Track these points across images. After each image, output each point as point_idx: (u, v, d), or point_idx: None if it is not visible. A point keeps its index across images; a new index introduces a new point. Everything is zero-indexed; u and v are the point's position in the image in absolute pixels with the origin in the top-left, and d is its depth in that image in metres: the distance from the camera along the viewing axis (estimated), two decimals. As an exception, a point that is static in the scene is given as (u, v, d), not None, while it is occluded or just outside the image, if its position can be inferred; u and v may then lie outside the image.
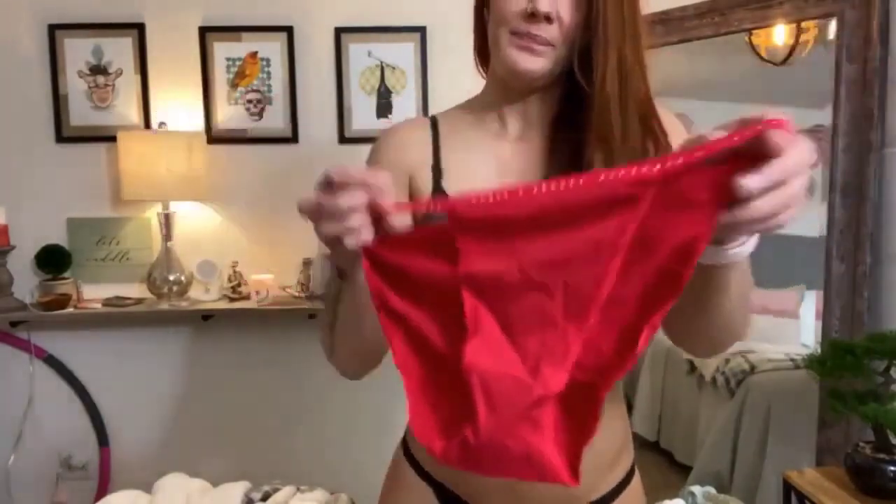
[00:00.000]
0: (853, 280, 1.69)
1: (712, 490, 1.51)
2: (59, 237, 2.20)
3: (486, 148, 0.92)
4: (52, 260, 2.17)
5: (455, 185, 0.89)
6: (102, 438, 2.28)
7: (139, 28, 2.15)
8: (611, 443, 0.91)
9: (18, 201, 2.16)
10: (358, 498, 1.52)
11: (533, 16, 0.79)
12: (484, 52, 0.93)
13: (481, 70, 0.98)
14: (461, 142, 0.93)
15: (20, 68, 2.16)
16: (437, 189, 0.90)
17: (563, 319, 0.65)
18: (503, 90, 0.91)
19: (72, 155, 2.19)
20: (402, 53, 2.18)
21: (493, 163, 0.91)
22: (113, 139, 2.09)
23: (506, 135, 0.93)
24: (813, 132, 1.92)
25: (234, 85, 2.19)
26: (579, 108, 0.84)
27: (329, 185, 0.64)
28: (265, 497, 1.55)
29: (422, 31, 2.16)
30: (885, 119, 1.66)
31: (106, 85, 2.17)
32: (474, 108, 0.96)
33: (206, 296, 2.17)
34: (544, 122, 0.91)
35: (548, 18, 0.80)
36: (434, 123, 0.96)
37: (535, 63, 0.83)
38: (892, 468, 1.40)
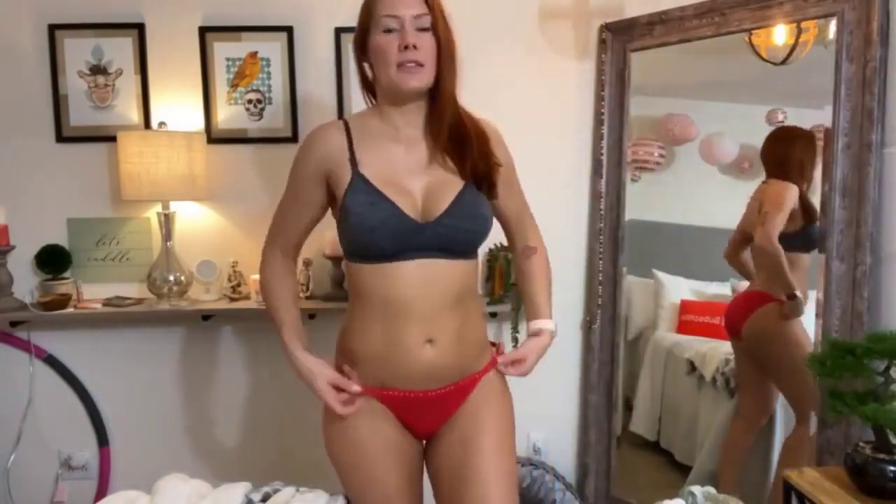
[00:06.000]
0: (853, 280, 1.69)
1: (712, 490, 1.51)
2: (59, 237, 2.20)
3: (387, 145, 1.32)
4: (52, 260, 2.17)
5: (370, 170, 1.28)
6: (102, 438, 2.28)
7: (139, 28, 2.16)
8: (479, 336, 1.39)
9: (18, 201, 2.16)
10: (358, 498, 1.52)
11: (406, 48, 1.23)
12: (367, 87, 1.38)
13: (369, 99, 1.40)
14: (369, 140, 1.32)
15: (20, 68, 2.16)
16: (356, 174, 1.28)
17: None
18: (392, 107, 1.31)
19: (72, 155, 2.19)
20: (402, 53, 2.18)
21: (392, 157, 1.31)
22: (113, 139, 2.10)
23: (399, 137, 1.32)
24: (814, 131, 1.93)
25: (234, 85, 2.19)
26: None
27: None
28: (265, 498, 1.55)
29: (422, 31, 2.16)
30: (885, 119, 1.66)
31: (106, 85, 2.17)
32: (375, 116, 1.35)
33: (206, 296, 2.17)
34: (424, 128, 1.32)
35: (415, 46, 1.23)
36: (346, 124, 1.34)
37: (416, 80, 1.25)
38: (892, 468, 1.40)
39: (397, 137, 1.32)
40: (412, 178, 1.29)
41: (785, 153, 1.98)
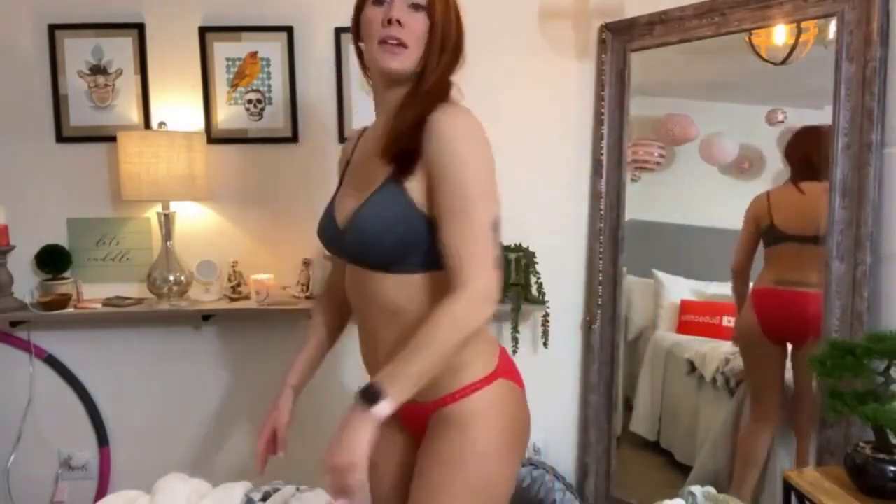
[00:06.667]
0: (853, 280, 1.69)
1: (712, 490, 1.51)
2: (59, 237, 2.20)
3: (366, 142, 1.25)
4: (52, 260, 2.17)
5: (349, 171, 1.27)
6: (102, 438, 2.28)
7: (139, 28, 2.15)
8: None
9: (18, 201, 2.16)
10: (358, 498, 1.52)
11: (389, 22, 1.11)
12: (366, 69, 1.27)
13: (369, 81, 1.28)
14: (363, 139, 1.28)
15: (20, 68, 2.16)
16: (340, 177, 1.30)
17: None
18: (376, 92, 1.22)
19: (72, 155, 2.19)
20: (402, 53, 2.18)
21: (363, 155, 1.23)
22: (113, 139, 2.10)
23: (376, 132, 1.21)
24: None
25: (234, 85, 2.19)
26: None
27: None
28: (265, 497, 1.55)
29: (422, 31, 2.16)
30: (885, 119, 1.66)
31: (106, 85, 2.17)
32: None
33: (206, 296, 2.17)
34: (392, 112, 1.17)
35: (398, 22, 1.11)
36: (366, 128, 1.31)
37: (396, 61, 1.12)
38: (892, 468, 1.40)
39: (375, 132, 1.22)
40: (365, 177, 1.17)
41: (822, 154, 1.85)
